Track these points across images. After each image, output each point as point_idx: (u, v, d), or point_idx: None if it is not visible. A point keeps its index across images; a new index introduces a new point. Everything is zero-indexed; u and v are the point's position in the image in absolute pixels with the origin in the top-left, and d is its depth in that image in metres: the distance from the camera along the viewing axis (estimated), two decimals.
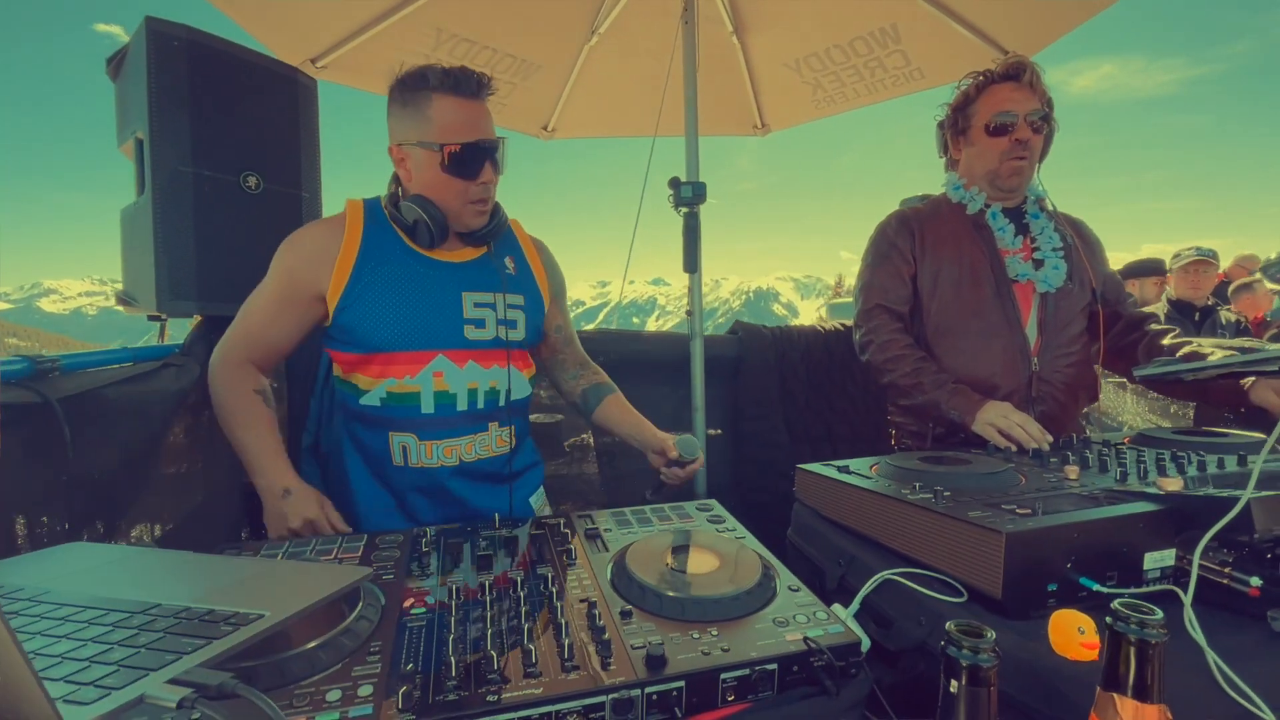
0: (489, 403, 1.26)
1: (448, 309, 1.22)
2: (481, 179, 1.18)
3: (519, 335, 1.29)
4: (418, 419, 1.20)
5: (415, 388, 1.19)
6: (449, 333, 1.21)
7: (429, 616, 0.73)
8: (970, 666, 0.40)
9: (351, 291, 1.16)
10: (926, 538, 0.85)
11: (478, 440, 1.26)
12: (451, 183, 1.17)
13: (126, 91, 1.42)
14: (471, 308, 1.23)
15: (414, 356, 1.18)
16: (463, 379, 1.22)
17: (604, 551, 0.91)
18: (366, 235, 1.20)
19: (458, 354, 1.22)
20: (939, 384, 1.43)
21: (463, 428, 1.24)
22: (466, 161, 1.16)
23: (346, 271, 1.17)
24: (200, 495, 1.36)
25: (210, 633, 0.45)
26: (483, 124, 1.18)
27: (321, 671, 0.61)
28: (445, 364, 1.20)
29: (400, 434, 1.21)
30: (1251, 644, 0.68)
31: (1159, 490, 0.82)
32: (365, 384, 1.20)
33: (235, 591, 0.56)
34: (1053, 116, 1.49)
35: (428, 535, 0.94)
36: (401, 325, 1.17)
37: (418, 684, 0.60)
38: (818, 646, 0.66)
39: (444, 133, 1.14)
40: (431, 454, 1.22)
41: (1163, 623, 0.42)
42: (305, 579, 0.61)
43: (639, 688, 0.62)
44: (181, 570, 0.62)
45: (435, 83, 1.15)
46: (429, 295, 1.20)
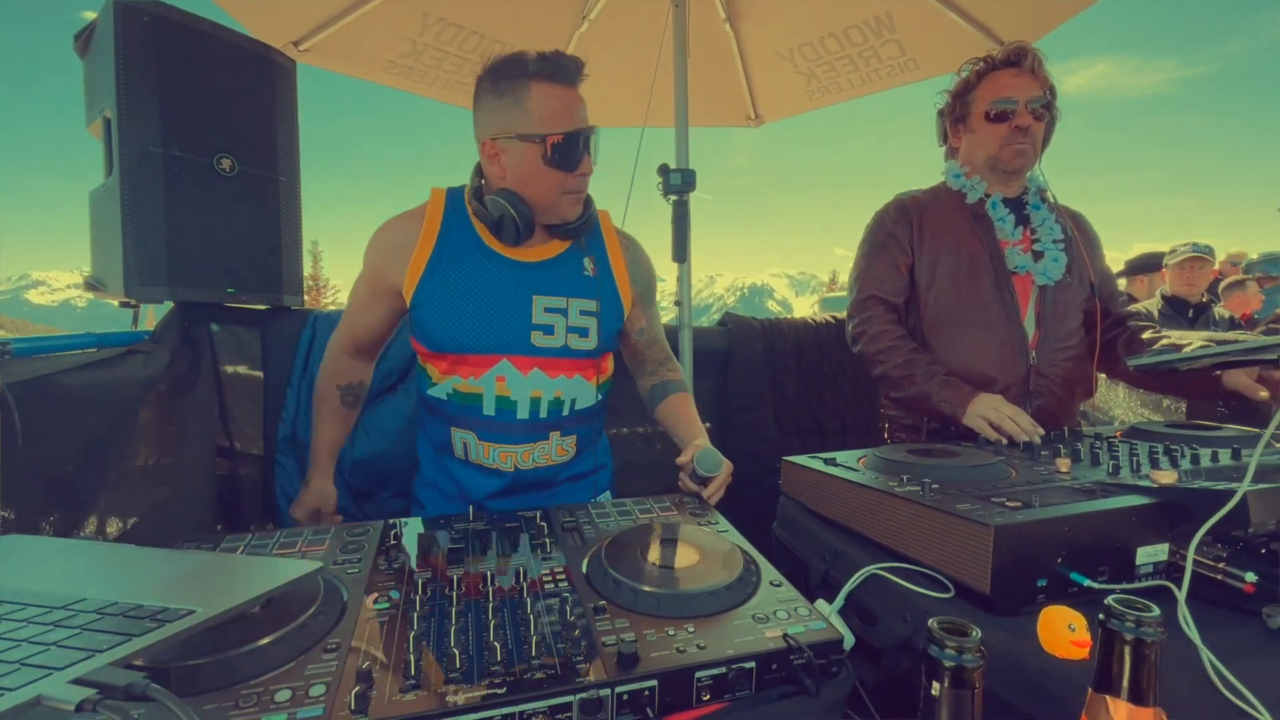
0: (552, 412, 1.21)
1: (516, 313, 1.16)
2: (581, 170, 1.13)
3: (589, 344, 1.21)
4: (479, 419, 1.18)
5: (478, 389, 1.17)
6: (515, 338, 1.17)
7: (391, 612, 0.69)
8: (954, 668, 0.37)
9: (424, 288, 1.15)
10: (913, 531, 0.82)
11: (537, 449, 1.22)
12: (552, 175, 1.11)
13: (95, 69, 1.38)
14: (541, 312, 1.18)
15: (479, 360, 1.16)
16: (525, 386, 1.18)
17: (581, 545, 0.87)
18: (444, 229, 1.17)
19: (523, 360, 1.17)
20: (930, 376, 1.40)
21: (522, 436, 1.20)
22: (568, 152, 1.10)
23: (420, 267, 1.15)
24: (170, 488, 1.32)
25: (131, 629, 0.42)
26: (581, 111, 1.12)
27: (272, 670, 0.58)
28: (509, 369, 1.17)
29: (461, 430, 1.21)
30: (1247, 641, 0.66)
31: (1152, 483, 0.80)
32: (436, 376, 1.20)
33: (170, 586, 0.53)
34: (1055, 105, 1.46)
35: (399, 527, 0.90)
36: (468, 327, 1.14)
37: (373, 683, 0.57)
38: (797, 644, 0.63)
39: (545, 123, 1.08)
40: (489, 455, 1.20)
41: (1159, 620, 0.39)
42: (250, 573, 0.58)
43: (609, 687, 0.58)
44: (121, 564, 0.58)
45: (533, 70, 1.08)
46: (498, 297, 1.16)
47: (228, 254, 1.46)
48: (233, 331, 1.56)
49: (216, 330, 1.54)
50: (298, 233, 1.61)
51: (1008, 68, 1.47)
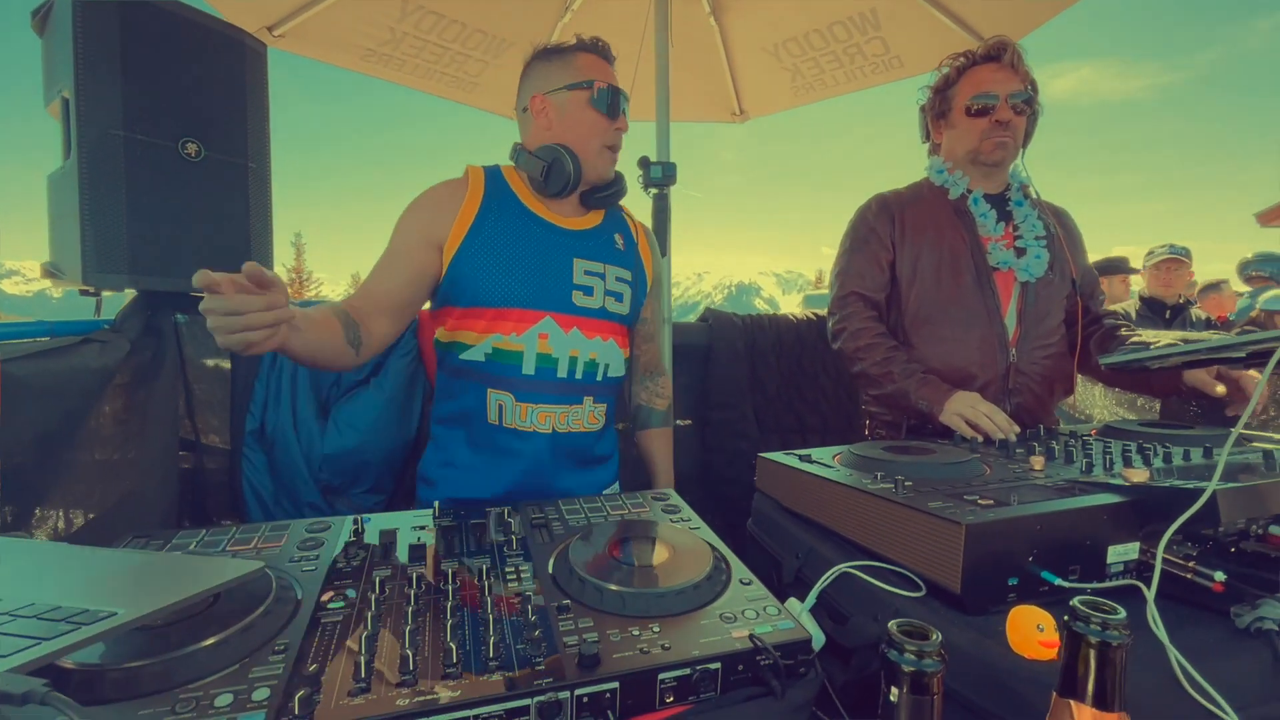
0: (587, 374, 1.25)
1: (559, 272, 1.22)
2: (619, 125, 1.25)
3: (623, 309, 1.30)
4: (517, 379, 1.19)
5: (520, 346, 1.18)
6: (558, 295, 1.21)
7: (347, 611, 0.67)
8: (913, 673, 0.36)
9: (470, 243, 1.17)
10: (886, 529, 0.81)
11: (571, 412, 1.24)
12: (598, 120, 1.22)
13: (53, 47, 1.32)
14: (582, 274, 1.24)
15: (522, 315, 1.18)
16: (566, 344, 1.21)
17: (548, 542, 0.85)
18: (488, 193, 1.23)
19: (564, 318, 1.21)
20: (908, 373, 1.40)
21: (559, 396, 1.22)
22: (612, 101, 1.23)
23: (468, 222, 1.18)
24: (129, 483, 1.28)
25: (44, 632, 0.39)
26: (616, 80, 1.27)
27: (214, 673, 0.55)
28: (551, 326, 1.20)
29: (498, 391, 1.20)
30: (1215, 641, 0.65)
31: (1124, 481, 0.79)
32: (472, 339, 1.19)
33: (98, 587, 0.50)
34: (1037, 100, 1.46)
35: (359, 524, 0.88)
36: (513, 281, 1.18)
37: (320, 686, 0.54)
38: (763, 645, 0.62)
39: (592, 74, 1.22)
40: (526, 417, 1.20)
41: (1125, 623, 0.38)
42: (186, 573, 0.55)
43: (568, 689, 0.57)
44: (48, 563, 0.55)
45: (578, 44, 1.26)
46: (542, 255, 1.21)
47: (194, 241, 1.41)
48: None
49: (183, 320, 1.49)
50: (268, 220, 1.56)
51: (988, 63, 1.47)
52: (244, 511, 1.48)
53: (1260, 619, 0.65)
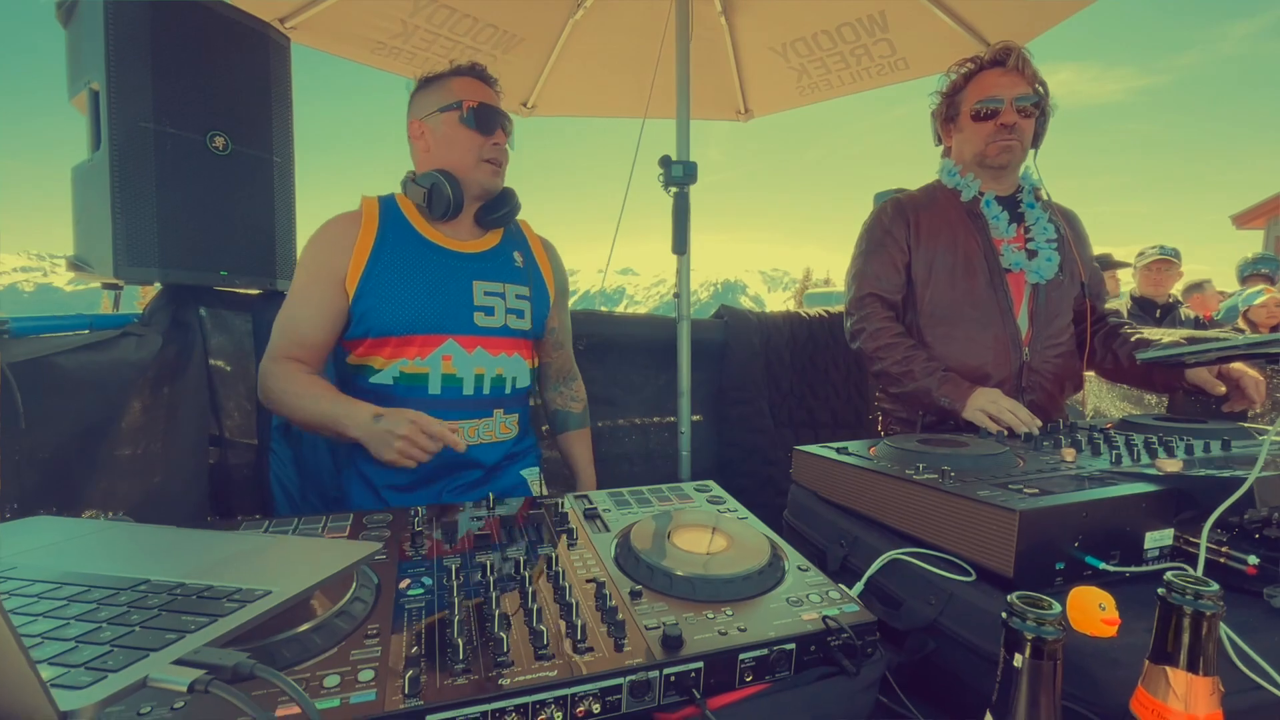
0: (495, 389, 1.30)
1: (459, 295, 1.26)
2: (495, 139, 1.28)
3: (525, 325, 1.34)
4: (425, 399, 1.23)
5: (425, 369, 1.23)
6: (460, 318, 1.26)
7: (427, 597, 0.68)
8: (1035, 639, 0.39)
9: (369, 277, 1.21)
10: (932, 517, 0.85)
11: (481, 425, 1.29)
12: (470, 136, 1.26)
13: (80, 39, 1.31)
14: (482, 296, 1.28)
15: (426, 340, 1.23)
16: (470, 364, 1.26)
17: (605, 532, 0.88)
18: (383, 225, 1.26)
19: (467, 340, 1.26)
20: (929, 372, 1.44)
21: (469, 411, 1.27)
22: (482, 117, 1.27)
23: (364, 258, 1.22)
24: (160, 477, 1.27)
25: (214, 610, 0.40)
26: (496, 99, 1.32)
27: (316, 656, 0.57)
28: (454, 348, 1.25)
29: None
30: (1251, 620, 0.69)
31: (1159, 471, 0.83)
32: (379, 364, 1.24)
33: (231, 567, 0.51)
34: (1047, 102, 1.50)
35: (420, 514, 0.89)
36: (415, 309, 1.22)
37: (423, 667, 0.56)
38: (839, 625, 0.65)
39: (463, 95, 1.27)
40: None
41: (1219, 594, 0.41)
42: (307, 554, 0.56)
43: (657, 669, 0.59)
44: (165, 544, 0.56)
45: (453, 70, 1.31)
46: (441, 282, 1.25)
47: (220, 236, 1.41)
48: (222, 316, 1.51)
49: (205, 314, 1.49)
50: (292, 216, 1.56)
51: (994, 67, 1.51)
52: (271, 506, 1.48)
53: None
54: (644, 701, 0.59)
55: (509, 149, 1.33)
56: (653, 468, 1.94)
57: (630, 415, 1.95)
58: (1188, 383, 1.38)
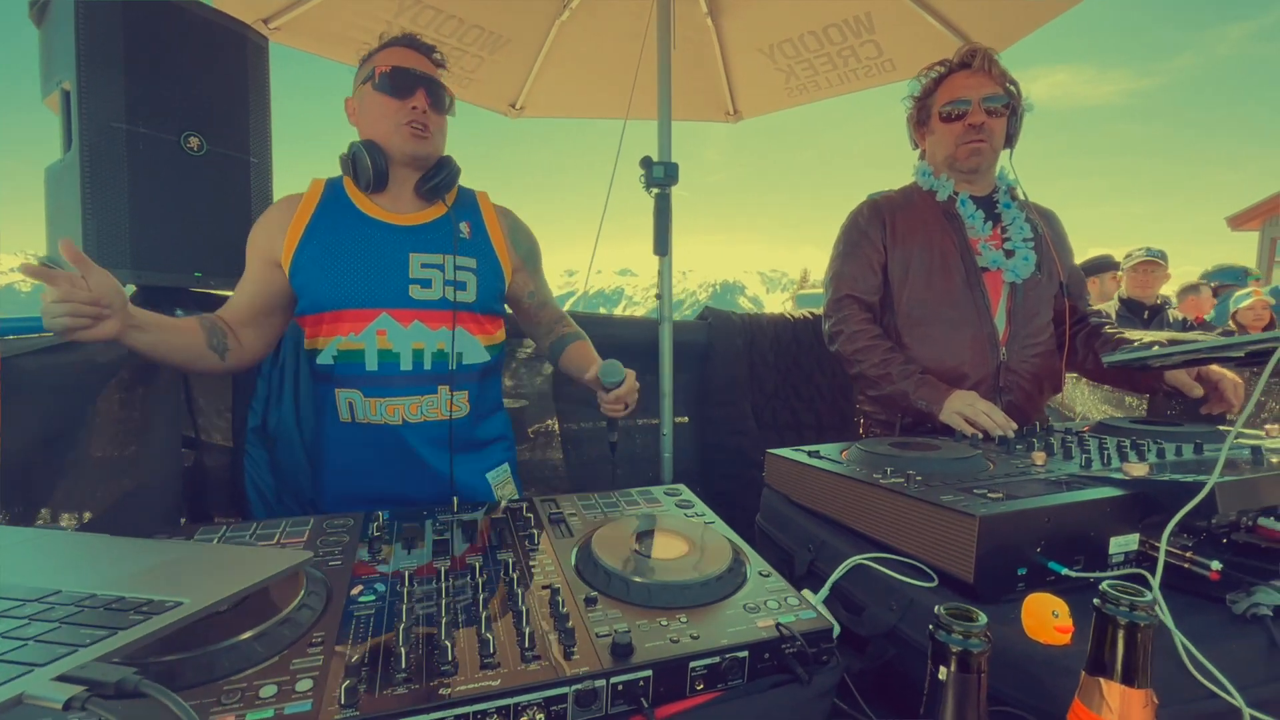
0: (437, 365, 1.27)
1: (393, 268, 1.24)
2: (413, 103, 1.24)
3: (468, 297, 1.30)
4: (362, 375, 1.23)
5: (360, 344, 1.22)
6: (393, 291, 1.23)
7: (378, 604, 0.68)
8: (960, 652, 0.38)
9: (302, 253, 1.22)
10: (897, 522, 0.84)
11: (424, 402, 1.26)
12: (385, 103, 1.24)
13: (52, 38, 1.30)
14: (418, 268, 1.26)
15: (359, 314, 1.22)
16: (407, 338, 1.24)
17: (568, 536, 0.87)
18: (322, 204, 1.27)
19: (401, 313, 1.24)
20: (906, 374, 1.43)
21: (407, 388, 1.25)
22: (397, 82, 1.24)
23: (297, 235, 1.23)
24: (132, 480, 1.26)
25: (116, 622, 0.39)
26: (418, 62, 1.28)
27: (256, 665, 0.56)
28: (389, 322, 1.23)
29: (346, 390, 1.24)
30: (1213, 626, 0.69)
31: (1125, 475, 0.83)
32: (321, 344, 1.24)
33: (153, 577, 0.50)
34: (1020, 101, 1.50)
35: (380, 519, 0.88)
36: (345, 282, 1.21)
37: (363, 677, 0.55)
38: (791, 633, 0.64)
39: (379, 63, 1.26)
40: (376, 411, 1.24)
41: (1152, 605, 0.40)
42: (236, 564, 0.55)
43: (604, 678, 0.58)
44: (96, 554, 0.55)
45: (381, 44, 1.30)
46: (374, 255, 1.24)
47: (195, 237, 1.40)
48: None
49: (181, 316, 1.48)
50: None
51: (961, 69, 1.52)
52: (246, 509, 1.47)
53: (1255, 605, 0.68)
54: (591, 711, 0.58)
55: (442, 113, 1.29)
56: (635, 470, 1.94)
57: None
58: (1168, 385, 1.38)
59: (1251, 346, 0.85)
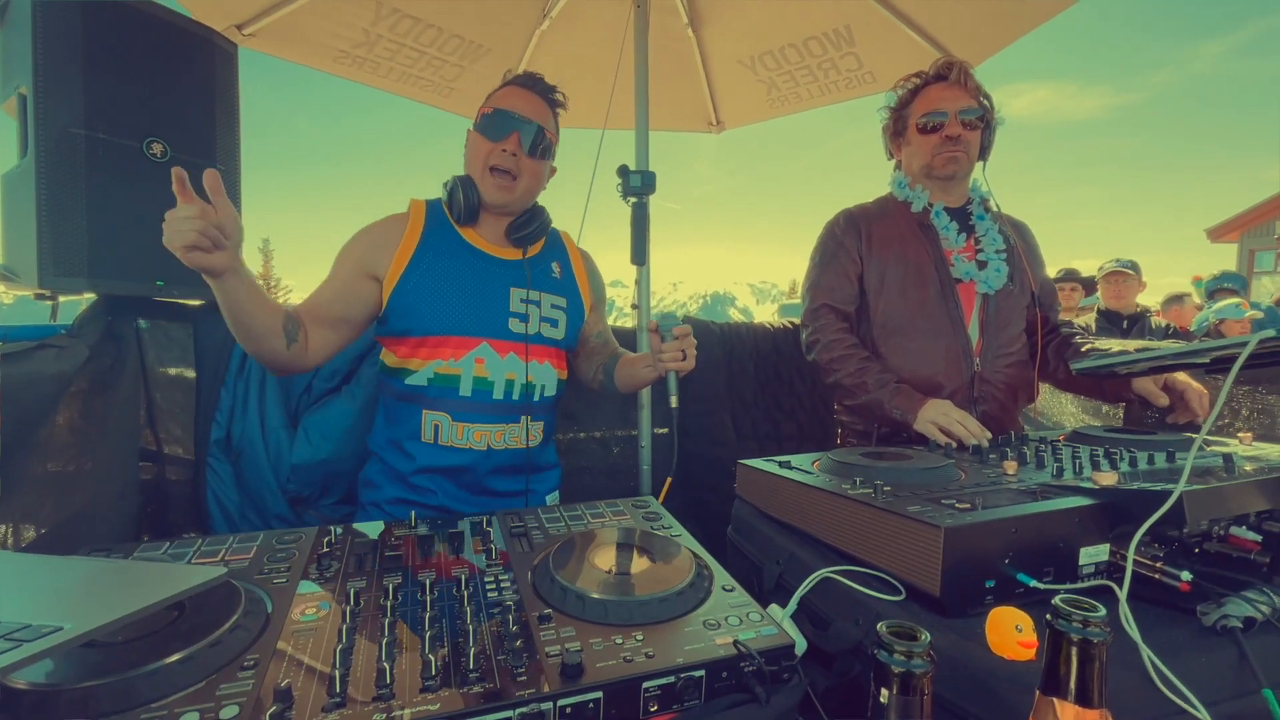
0: (524, 395, 1.30)
1: (495, 301, 1.28)
2: (504, 145, 1.25)
3: (558, 334, 1.35)
4: (454, 400, 1.24)
5: (457, 370, 1.24)
6: (494, 323, 1.27)
7: (319, 624, 0.65)
8: (902, 673, 0.36)
9: (410, 277, 1.23)
10: (866, 534, 0.82)
11: (508, 430, 1.29)
12: (480, 143, 1.27)
13: (10, 41, 1.27)
14: (517, 302, 1.30)
15: (460, 342, 1.24)
16: (502, 369, 1.27)
17: (529, 551, 0.84)
18: (427, 228, 1.29)
19: (500, 344, 1.27)
20: (882, 384, 1.42)
21: (495, 416, 1.27)
22: (495, 123, 1.26)
23: (407, 256, 1.25)
24: (87, 495, 1.22)
25: None
26: (525, 106, 1.28)
27: (179, 691, 0.53)
28: (487, 352, 1.26)
29: (434, 413, 1.25)
30: (1183, 639, 0.67)
31: (1094, 485, 0.81)
32: (416, 365, 1.25)
33: (45, 599, 0.47)
34: (992, 114, 1.51)
35: (332, 534, 0.85)
36: (451, 311, 1.24)
37: (293, 703, 0.52)
38: (748, 651, 0.61)
39: (489, 104, 1.28)
40: (462, 435, 1.25)
41: (1105, 620, 0.38)
42: (143, 583, 0.52)
43: (550, 700, 0.55)
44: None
45: (505, 81, 1.32)
46: (478, 286, 1.27)
47: (157, 245, 1.34)
48: (162, 328, 1.46)
49: (144, 326, 1.44)
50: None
51: (937, 82, 1.53)
52: (208, 524, 1.43)
53: (1225, 617, 0.67)
54: None
55: (537, 158, 1.29)
56: (614, 481, 1.91)
57: (591, 429, 1.91)
58: (1134, 393, 1.39)
59: (1216, 353, 0.84)
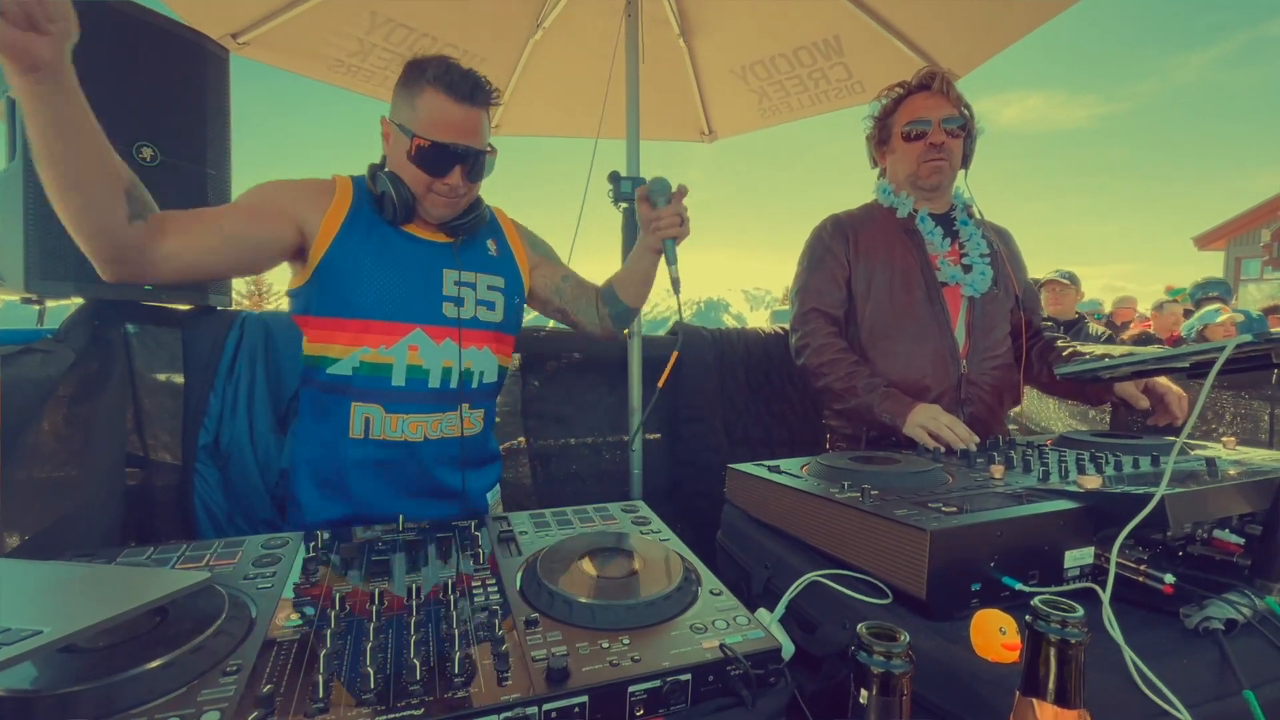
0: (463, 383, 1.24)
1: (428, 284, 1.21)
2: (447, 180, 1.16)
3: (496, 317, 1.29)
4: (387, 391, 1.18)
5: (389, 359, 1.17)
6: (427, 307, 1.20)
7: (304, 629, 0.64)
8: (881, 674, 0.36)
9: (337, 248, 1.14)
10: (854, 538, 0.82)
11: (445, 419, 1.23)
12: (417, 173, 1.15)
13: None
14: (450, 285, 1.23)
15: (390, 327, 1.17)
16: (438, 355, 1.20)
17: (516, 555, 0.84)
18: (355, 202, 1.20)
19: (434, 329, 1.20)
20: (871, 388, 1.43)
21: (431, 405, 1.21)
22: (433, 160, 1.14)
23: (335, 225, 1.15)
24: (73, 501, 1.21)
25: None
26: (466, 128, 1.15)
27: (161, 697, 0.53)
28: (421, 338, 1.19)
29: (365, 405, 1.18)
30: (1166, 641, 0.67)
31: (1078, 488, 0.82)
32: (338, 353, 1.16)
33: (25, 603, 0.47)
34: (973, 124, 1.54)
35: (319, 539, 0.85)
36: (381, 293, 1.16)
37: (275, 708, 0.52)
38: (734, 654, 0.62)
39: (421, 125, 1.12)
40: (397, 427, 1.19)
41: (1084, 621, 0.39)
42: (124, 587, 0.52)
43: (536, 704, 0.55)
44: None
45: (431, 76, 1.12)
46: (410, 268, 1.19)
47: None
48: (151, 332, 1.45)
49: (133, 331, 1.43)
50: None
51: (920, 91, 1.55)
52: (195, 530, 1.41)
53: (1207, 619, 0.67)
54: None
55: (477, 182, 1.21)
56: (605, 487, 1.91)
57: (582, 434, 1.91)
58: (1116, 396, 1.41)
59: (1196, 357, 0.86)
